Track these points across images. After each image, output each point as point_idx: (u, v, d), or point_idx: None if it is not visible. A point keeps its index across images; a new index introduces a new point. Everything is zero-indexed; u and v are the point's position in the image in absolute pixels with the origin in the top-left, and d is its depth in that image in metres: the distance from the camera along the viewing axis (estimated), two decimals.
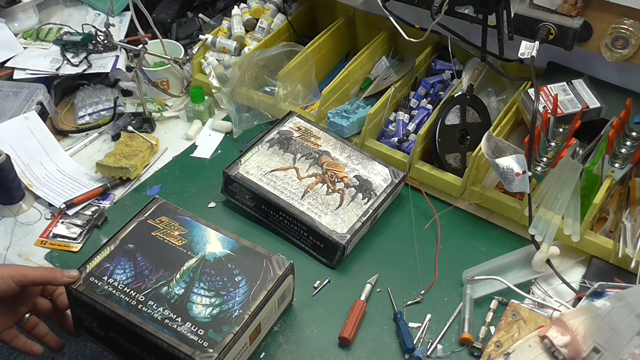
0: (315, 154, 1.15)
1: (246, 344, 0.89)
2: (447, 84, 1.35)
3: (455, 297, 1.02)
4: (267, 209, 1.10)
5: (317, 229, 1.04)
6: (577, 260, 1.07)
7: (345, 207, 1.08)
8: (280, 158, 1.14)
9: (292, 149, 1.16)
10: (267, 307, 0.91)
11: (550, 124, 1.13)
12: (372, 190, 1.11)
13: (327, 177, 1.11)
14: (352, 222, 1.06)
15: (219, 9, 1.61)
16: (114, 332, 0.90)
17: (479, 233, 1.13)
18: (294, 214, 1.06)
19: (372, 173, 1.14)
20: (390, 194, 1.12)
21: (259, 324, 0.91)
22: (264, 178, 1.10)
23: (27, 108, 1.31)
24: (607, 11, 1.13)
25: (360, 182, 1.12)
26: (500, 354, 0.92)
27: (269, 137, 1.17)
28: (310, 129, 1.20)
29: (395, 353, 0.95)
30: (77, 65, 1.42)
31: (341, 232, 1.04)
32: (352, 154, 1.17)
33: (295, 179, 1.10)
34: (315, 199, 1.08)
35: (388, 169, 1.15)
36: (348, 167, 1.14)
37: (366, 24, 1.47)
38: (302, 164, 1.13)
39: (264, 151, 1.15)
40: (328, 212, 1.06)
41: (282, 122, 1.21)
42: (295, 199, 1.07)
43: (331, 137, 1.19)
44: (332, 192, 1.09)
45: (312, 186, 1.10)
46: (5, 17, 1.56)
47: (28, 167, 1.24)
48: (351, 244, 1.05)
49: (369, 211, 1.08)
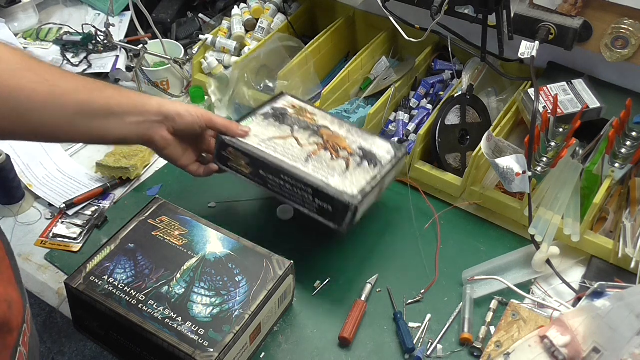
0: (314, 126, 1.08)
1: (246, 343, 0.89)
2: (447, 84, 1.35)
3: (455, 297, 1.02)
4: (266, 174, 1.01)
5: (325, 190, 0.95)
6: (577, 260, 1.07)
7: (353, 172, 1.00)
8: (277, 129, 1.06)
9: (288, 122, 1.08)
10: (268, 307, 0.91)
11: (550, 124, 1.13)
12: (377, 160, 1.05)
13: (329, 146, 1.04)
14: (361, 185, 0.98)
15: (219, 9, 1.61)
16: (114, 332, 0.90)
17: (479, 233, 1.13)
18: (298, 176, 0.97)
19: (374, 146, 1.08)
20: (395, 166, 1.07)
21: (259, 323, 0.91)
22: (262, 144, 1.02)
23: None
24: (607, 11, 1.13)
25: (364, 152, 1.05)
26: (500, 354, 0.92)
27: (263, 112, 1.10)
28: (305, 107, 1.14)
29: (395, 353, 0.95)
30: (77, 65, 1.42)
31: (352, 193, 0.95)
32: (352, 129, 1.11)
33: (296, 146, 1.03)
34: (320, 163, 1.00)
35: (390, 143, 1.10)
36: (349, 139, 1.08)
37: (366, 24, 1.47)
38: (301, 134, 1.06)
39: (259, 122, 1.07)
40: (335, 175, 0.98)
41: (274, 101, 1.14)
42: (299, 162, 0.99)
43: (327, 114, 1.13)
44: (336, 158, 1.02)
45: (315, 152, 1.02)
46: (5, 17, 1.56)
47: (28, 167, 1.24)
48: (362, 207, 0.97)
49: (377, 177, 1.01)
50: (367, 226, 1.14)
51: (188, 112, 0.96)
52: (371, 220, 1.15)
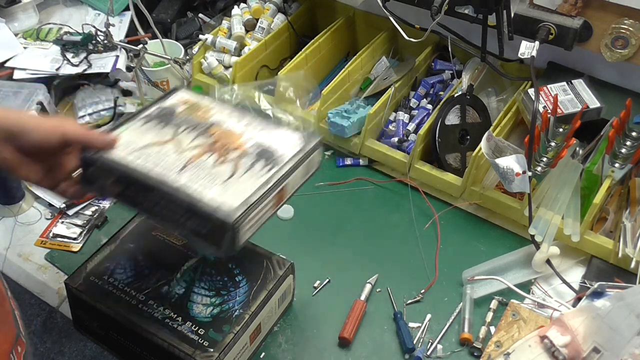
0: (205, 125, 0.90)
1: (246, 343, 0.89)
2: (447, 84, 1.35)
3: (455, 297, 1.02)
4: (135, 193, 0.83)
5: (196, 206, 0.77)
6: (577, 260, 1.07)
7: (239, 179, 0.81)
8: (157, 133, 0.88)
9: (174, 122, 0.90)
10: (268, 307, 0.91)
11: (550, 124, 1.13)
12: (276, 158, 0.85)
13: (216, 147, 0.86)
14: (246, 195, 0.78)
15: (219, 9, 1.61)
16: (114, 332, 0.90)
17: (479, 233, 1.13)
18: (167, 191, 0.79)
19: (277, 140, 0.88)
20: (300, 162, 0.86)
21: (259, 323, 0.91)
22: (130, 155, 0.84)
23: (27, 108, 1.31)
24: (607, 11, 1.13)
25: (261, 150, 0.86)
26: (500, 354, 0.92)
27: (145, 114, 0.92)
28: (200, 102, 0.95)
29: (395, 353, 0.95)
30: (77, 65, 1.42)
31: (229, 208, 0.76)
32: (253, 121, 0.92)
33: (173, 154, 0.84)
34: (199, 171, 0.82)
35: (300, 133, 0.90)
36: (246, 135, 0.88)
37: (366, 24, 1.47)
38: (185, 136, 0.87)
39: (135, 128, 0.89)
40: (214, 186, 0.79)
41: (164, 99, 0.96)
42: (172, 173, 0.81)
43: (227, 108, 0.94)
44: (221, 162, 0.83)
45: (195, 158, 0.83)
46: (5, 17, 1.56)
47: None
48: (247, 224, 0.78)
49: (271, 181, 0.81)
50: (367, 226, 1.15)
51: (36, 126, 0.80)
52: (371, 220, 1.16)
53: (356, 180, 1.23)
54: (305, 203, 1.18)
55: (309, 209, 1.17)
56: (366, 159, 1.26)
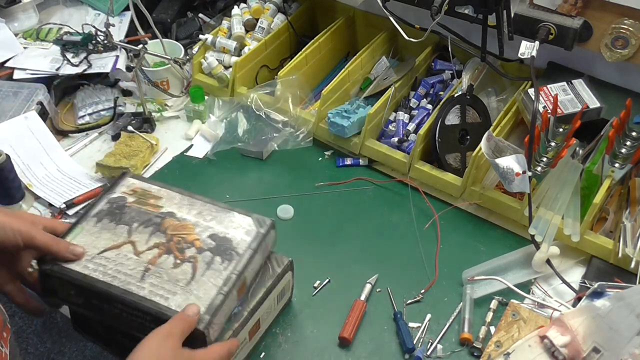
0: (157, 218, 0.90)
1: (245, 339, 0.90)
2: (447, 84, 1.35)
3: (455, 297, 1.02)
4: (99, 304, 0.83)
5: (165, 316, 0.78)
6: (577, 260, 1.07)
7: (199, 279, 0.82)
8: (112, 233, 0.88)
9: (126, 218, 0.90)
10: (267, 303, 0.91)
11: (550, 124, 1.13)
12: (232, 250, 0.86)
13: (173, 245, 0.86)
14: (210, 298, 0.80)
15: (219, 9, 1.61)
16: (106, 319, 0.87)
17: (479, 233, 1.13)
18: (131, 302, 0.80)
19: (230, 227, 0.89)
20: (257, 249, 0.88)
21: (258, 319, 0.91)
22: (89, 264, 0.84)
23: (27, 108, 1.31)
24: (607, 11, 1.13)
25: (217, 243, 0.87)
26: (500, 354, 0.92)
27: (97, 210, 0.92)
28: (149, 190, 0.95)
29: (395, 353, 0.95)
30: (77, 65, 1.42)
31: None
32: (203, 208, 0.92)
33: (132, 256, 0.85)
34: (160, 276, 0.82)
35: (251, 217, 0.91)
36: (200, 226, 0.89)
37: (366, 24, 1.47)
38: (140, 235, 0.88)
39: (89, 229, 0.88)
40: (178, 291, 0.81)
41: (112, 188, 0.96)
42: (133, 282, 0.82)
43: (175, 194, 0.95)
44: (180, 262, 0.84)
45: (153, 261, 0.84)
46: (5, 17, 1.56)
47: (28, 167, 1.24)
48: (215, 326, 0.80)
49: (231, 277, 0.83)
50: (367, 226, 1.15)
51: (1, 228, 0.78)
52: (371, 220, 1.16)
53: (356, 180, 1.23)
54: (305, 203, 1.18)
55: (309, 209, 1.17)
56: (366, 159, 1.26)
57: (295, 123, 1.30)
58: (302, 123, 1.30)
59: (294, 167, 1.26)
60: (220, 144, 1.29)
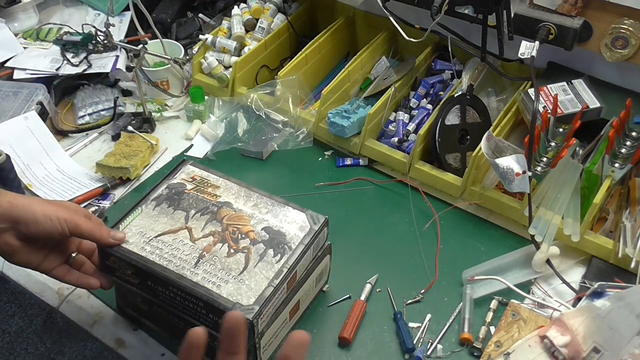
0: (214, 207, 0.93)
1: (286, 319, 0.91)
2: (447, 84, 1.35)
3: (455, 297, 1.02)
4: (154, 286, 0.87)
5: (216, 303, 0.81)
6: (577, 260, 1.07)
7: (252, 270, 0.85)
8: (170, 218, 0.92)
9: (184, 205, 0.94)
10: (306, 285, 0.93)
11: (550, 124, 1.13)
12: (285, 244, 0.88)
13: (227, 235, 0.89)
14: (261, 289, 0.83)
15: (219, 9, 1.61)
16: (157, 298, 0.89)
17: (479, 233, 1.13)
18: (185, 287, 0.83)
19: (285, 222, 0.92)
20: (309, 245, 0.90)
21: (298, 301, 0.92)
22: (147, 246, 0.88)
23: (27, 108, 1.31)
24: (607, 11, 1.13)
25: (270, 236, 0.90)
26: (500, 354, 0.92)
27: (156, 194, 0.95)
28: (207, 178, 0.98)
29: (395, 353, 0.95)
30: (77, 65, 1.42)
31: (247, 304, 0.81)
32: (260, 201, 0.95)
33: (188, 242, 0.88)
34: (213, 264, 0.86)
35: (305, 213, 0.93)
36: (255, 218, 0.92)
37: (366, 24, 1.47)
38: (197, 222, 0.91)
39: (148, 212, 0.93)
40: (230, 280, 0.84)
41: (173, 174, 0.99)
42: (187, 267, 0.85)
43: (233, 185, 0.97)
44: (234, 252, 0.87)
45: (208, 248, 0.87)
46: (5, 17, 1.56)
47: (28, 167, 1.24)
48: (264, 317, 0.83)
49: (282, 271, 0.85)
50: (367, 226, 1.15)
51: (46, 217, 0.81)
52: (371, 220, 1.16)
53: (356, 180, 1.23)
54: (305, 203, 1.17)
55: (308, 209, 1.17)
56: (366, 159, 1.26)
57: (295, 123, 1.30)
58: (302, 123, 1.30)
59: (294, 167, 1.26)
60: (220, 144, 1.29)
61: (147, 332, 0.98)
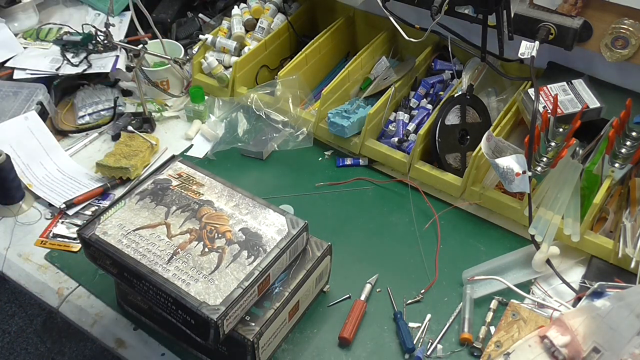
0: (195, 205, 0.93)
1: (285, 319, 0.92)
2: (447, 84, 1.35)
3: (455, 297, 1.02)
4: (130, 278, 0.88)
5: (184, 300, 0.81)
6: (577, 260, 1.07)
7: (223, 270, 0.84)
8: (150, 213, 0.92)
9: (166, 200, 0.94)
10: (306, 285, 0.93)
11: (550, 124, 1.13)
12: (260, 246, 0.88)
13: (204, 233, 0.89)
14: (229, 290, 0.82)
15: (219, 9, 1.61)
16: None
17: (479, 233, 1.13)
18: (155, 282, 0.84)
19: (263, 224, 0.91)
20: (285, 249, 0.89)
21: (297, 301, 0.93)
22: (124, 239, 0.88)
23: (27, 108, 1.31)
24: (607, 11, 1.13)
25: (247, 237, 0.89)
26: (500, 354, 0.92)
27: (141, 189, 0.96)
28: (194, 176, 0.98)
29: (395, 353, 0.95)
30: (77, 65, 1.42)
31: (213, 304, 0.81)
32: (241, 202, 0.94)
33: (164, 238, 0.88)
34: (186, 262, 0.85)
35: (285, 217, 0.92)
36: (234, 218, 0.91)
37: (366, 24, 1.47)
38: (176, 219, 0.91)
39: (131, 206, 0.93)
40: (200, 278, 0.83)
41: (160, 170, 0.99)
42: (160, 263, 0.85)
43: (217, 184, 0.97)
44: (208, 251, 0.87)
45: (183, 245, 0.87)
46: (5, 17, 1.56)
47: (28, 167, 1.24)
48: (231, 318, 0.82)
49: (254, 273, 0.84)
50: (367, 226, 1.15)
51: None
52: (371, 220, 1.16)
53: (356, 180, 1.23)
54: (305, 203, 1.18)
55: (309, 209, 1.17)
56: (366, 159, 1.26)
57: (296, 123, 1.30)
58: (302, 123, 1.30)
59: (294, 167, 1.26)
60: (220, 144, 1.29)
61: (147, 332, 0.99)
